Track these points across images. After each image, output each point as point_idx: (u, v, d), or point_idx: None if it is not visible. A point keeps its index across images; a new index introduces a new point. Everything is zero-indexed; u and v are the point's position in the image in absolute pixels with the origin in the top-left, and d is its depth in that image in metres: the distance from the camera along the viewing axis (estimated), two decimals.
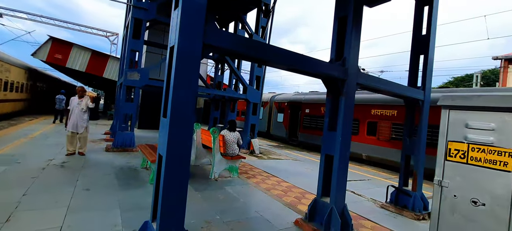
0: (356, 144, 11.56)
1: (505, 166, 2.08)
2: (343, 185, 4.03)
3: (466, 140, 2.31)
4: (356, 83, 4.13)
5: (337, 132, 3.97)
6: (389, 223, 4.62)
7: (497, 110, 2.15)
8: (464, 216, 2.25)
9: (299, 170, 8.39)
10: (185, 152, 2.60)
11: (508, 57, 20.00)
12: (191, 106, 2.59)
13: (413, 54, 5.82)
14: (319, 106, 13.97)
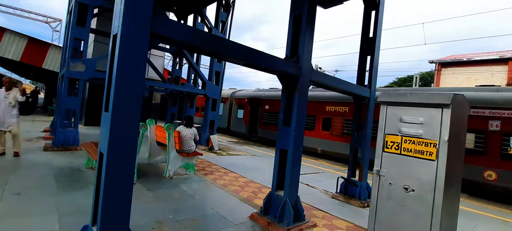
0: (312, 138, 12.12)
1: (430, 155, 2.34)
2: (296, 178, 4.17)
3: (400, 132, 2.55)
4: (309, 80, 4.29)
5: (291, 127, 4.09)
6: (338, 211, 4.94)
7: (425, 106, 2.41)
8: (397, 201, 2.48)
9: (257, 165, 8.50)
10: (130, 149, 2.42)
11: (441, 61, 22.77)
12: (136, 100, 2.42)
13: (361, 55, 6.26)
14: (278, 103, 14.33)
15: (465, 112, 2.71)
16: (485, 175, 7.63)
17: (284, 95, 4.29)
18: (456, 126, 2.42)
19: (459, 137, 2.54)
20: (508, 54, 18.98)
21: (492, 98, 7.94)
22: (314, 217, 4.53)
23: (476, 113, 8.04)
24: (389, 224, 2.53)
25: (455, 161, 2.50)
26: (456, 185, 2.62)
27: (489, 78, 18.97)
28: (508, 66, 18.59)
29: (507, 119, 7.54)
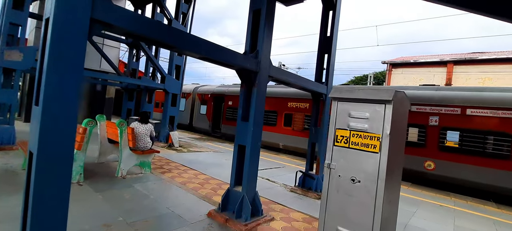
0: (274, 134, 12.34)
1: (374, 148, 2.49)
2: (254, 173, 4.18)
3: (349, 127, 2.67)
4: (268, 75, 4.31)
5: (249, 122, 4.07)
6: (296, 204, 5.08)
7: (370, 102, 2.55)
8: (345, 192, 2.61)
9: (219, 161, 8.39)
10: (65, 148, 2.17)
11: (392, 62, 24.73)
12: (72, 92, 2.17)
13: (319, 53, 6.49)
14: None
15: (406, 108, 2.94)
16: (425, 165, 8.50)
17: (242, 90, 4.25)
18: (397, 120, 2.60)
19: (400, 131, 2.75)
20: (446, 57, 21.32)
21: (432, 97, 8.84)
22: (272, 211, 4.60)
23: (419, 110, 8.89)
24: (338, 214, 2.64)
25: (396, 153, 2.70)
26: (397, 175, 2.85)
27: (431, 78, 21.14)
28: (446, 68, 20.90)
29: (444, 115, 8.45)
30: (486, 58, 18.76)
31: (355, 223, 2.54)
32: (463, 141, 8.08)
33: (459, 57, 20.12)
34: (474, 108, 7.99)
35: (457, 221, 5.26)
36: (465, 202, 7.06)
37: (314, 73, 6.51)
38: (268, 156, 10.81)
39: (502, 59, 18.10)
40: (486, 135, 7.80)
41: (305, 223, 4.23)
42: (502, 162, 7.42)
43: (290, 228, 3.98)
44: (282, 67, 23.31)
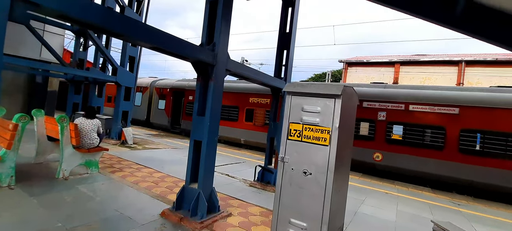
0: (236, 129, 12.29)
1: (324, 141, 2.57)
2: (211, 169, 4.07)
3: (301, 121, 2.71)
4: (225, 69, 4.21)
5: (206, 117, 3.94)
6: (254, 198, 5.10)
7: (321, 96, 2.62)
8: (298, 185, 2.66)
9: (177, 158, 8.07)
10: None
11: (348, 61, 26.30)
12: None
13: (279, 49, 6.57)
14: None
15: (354, 102, 3.09)
16: (374, 156, 9.22)
17: (199, 84, 4.09)
18: (346, 114, 2.72)
19: (348, 124, 2.88)
20: (394, 58, 23.34)
21: (380, 94, 9.58)
22: (230, 207, 4.54)
23: (369, 106, 9.58)
24: (291, 206, 2.69)
25: (345, 146, 2.83)
26: (346, 166, 2.99)
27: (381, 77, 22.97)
28: (394, 68, 22.88)
29: (391, 110, 9.22)
30: (426, 60, 20.95)
31: (306, 214, 2.60)
32: (406, 134, 8.92)
33: (405, 59, 22.15)
34: (415, 105, 8.86)
35: (400, 207, 5.79)
36: (406, 189, 7.81)
37: (274, 69, 6.58)
38: (229, 152, 10.73)
39: (439, 62, 20.39)
40: (425, 129, 8.72)
41: (262, 217, 4.26)
42: (438, 152, 8.37)
43: (247, 223, 3.97)
44: (244, 63, 23.29)
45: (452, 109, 8.29)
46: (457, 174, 8.04)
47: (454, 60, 19.73)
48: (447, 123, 8.32)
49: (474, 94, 8.33)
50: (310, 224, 2.57)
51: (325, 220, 2.50)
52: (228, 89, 12.91)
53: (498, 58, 18.24)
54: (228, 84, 13.18)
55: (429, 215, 5.47)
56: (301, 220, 2.62)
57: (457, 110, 8.22)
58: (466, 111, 8.11)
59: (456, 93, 8.57)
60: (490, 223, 5.44)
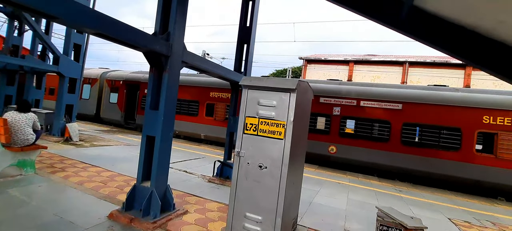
0: (196, 124, 11.97)
1: (279, 135, 2.60)
2: (165, 166, 3.88)
3: (257, 115, 2.70)
4: (181, 61, 4.02)
5: (159, 111, 3.72)
6: (212, 194, 5.02)
7: (277, 90, 2.64)
8: (254, 179, 2.66)
9: (130, 155, 7.56)
10: None
11: (307, 59, 27.30)
12: None
13: (239, 43, 6.50)
14: None
15: (309, 97, 3.19)
16: (329, 149, 9.75)
17: (151, 75, 3.84)
18: (300, 108, 2.78)
19: (303, 118, 2.96)
20: (349, 57, 24.88)
21: (335, 90, 10.13)
22: (187, 204, 4.40)
23: (326, 102, 10.07)
24: (246, 200, 2.68)
25: (299, 139, 2.90)
26: (300, 160, 3.08)
27: (337, 75, 24.33)
28: (349, 66, 24.41)
29: (344, 106, 9.81)
30: (376, 60, 22.74)
31: (262, 207, 2.62)
32: (357, 128, 9.59)
33: (358, 58, 23.75)
34: (365, 101, 9.55)
35: (350, 195, 6.21)
36: (357, 178, 8.42)
37: (234, 62, 6.50)
38: (189, 147, 10.41)
39: (387, 62, 22.29)
40: (373, 123, 9.47)
41: (220, 212, 4.20)
42: (384, 144, 9.16)
43: (204, 219, 3.88)
44: (206, 56, 22.72)
45: (396, 105, 9.12)
46: (400, 164, 8.91)
47: (399, 61, 21.74)
48: (392, 117, 9.13)
49: (414, 91, 9.27)
50: (265, 217, 2.60)
51: (279, 212, 2.54)
52: (187, 83, 12.47)
53: (435, 60, 20.58)
54: (187, 78, 12.73)
55: (375, 201, 5.97)
56: (256, 213, 2.63)
57: (400, 106, 9.07)
58: (408, 107, 9.00)
59: (399, 90, 9.45)
60: (424, 206, 6.13)
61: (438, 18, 4.12)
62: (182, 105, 12.46)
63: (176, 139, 12.49)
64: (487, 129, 8.13)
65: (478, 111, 8.24)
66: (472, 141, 8.24)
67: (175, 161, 7.43)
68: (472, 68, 18.94)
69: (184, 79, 12.60)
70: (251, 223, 2.65)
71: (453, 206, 6.50)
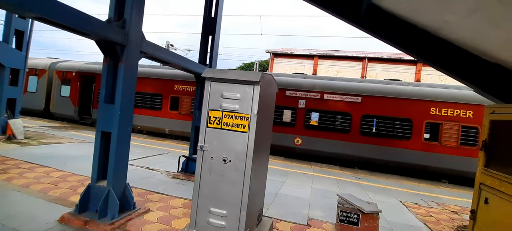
0: (159, 119, 11.47)
1: (243, 128, 2.57)
2: (123, 163, 3.65)
3: (221, 108, 2.64)
4: (140, 51, 3.77)
5: (115, 105, 3.46)
6: (177, 191, 4.86)
7: (241, 83, 2.60)
8: (217, 173, 2.61)
9: (85, 153, 6.99)
10: None
11: (274, 52, 27.59)
12: None
13: (203, 34, 6.31)
14: None
15: (274, 89, 3.20)
16: (295, 141, 10.03)
17: (105, 66, 3.55)
18: (265, 101, 2.78)
19: (267, 111, 2.97)
20: (314, 52, 25.68)
21: (301, 83, 10.39)
22: (149, 202, 4.20)
23: (292, 95, 10.29)
24: (211, 195, 2.63)
25: (264, 132, 2.91)
26: (265, 151, 3.10)
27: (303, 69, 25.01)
28: (314, 61, 25.21)
29: (309, 99, 10.12)
30: (339, 55, 23.81)
31: (226, 201, 2.58)
32: (321, 120, 9.98)
33: (322, 53, 24.63)
34: (328, 94, 9.95)
35: (314, 184, 6.47)
36: (320, 168, 8.80)
37: (198, 54, 6.30)
38: (152, 143, 9.95)
39: (349, 57, 23.46)
40: (336, 115, 9.92)
41: (185, 209, 4.09)
42: (345, 135, 9.67)
43: (168, 217, 3.74)
44: (169, 48, 21.76)
45: (356, 98, 9.65)
46: (359, 153, 9.50)
47: (359, 57, 23.02)
48: (352, 110, 9.66)
49: (372, 85, 9.89)
50: (229, 210, 2.57)
51: (244, 205, 2.53)
52: (150, 75, 11.85)
53: (391, 57, 22.16)
54: (149, 70, 12.09)
55: (337, 189, 6.29)
56: (220, 208, 2.59)
57: (360, 99, 9.62)
58: (366, 100, 9.58)
59: (359, 84, 10.00)
60: (379, 191, 6.62)
61: (394, 16, 4.41)
62: (144, 98, 11.82)
63: (138, 134, 11.86)
64: (434, 120, 9.00)
65: (426, 104, 9.06)
66: (421, 131, 9.07)
67: (136, 158, 7.06)
68: (422, 64, 20.79)
69: (146, 71, 11.95)
70: (216, 217, 2.61)
71: (404, 190, 7.12)
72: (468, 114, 8.73)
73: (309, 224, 4.10)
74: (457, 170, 8.69)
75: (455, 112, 8.83)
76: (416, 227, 4.53)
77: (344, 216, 3.69)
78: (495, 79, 3.83)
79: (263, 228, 3.11)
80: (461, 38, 3.76)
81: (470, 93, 8.75)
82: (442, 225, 4.70)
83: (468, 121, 8.71)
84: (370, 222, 3.59)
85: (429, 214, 5.25)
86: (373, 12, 4.55)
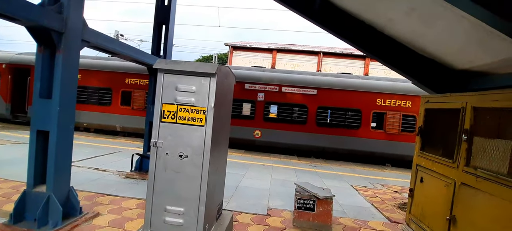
0: (109, 115, 10.60)
1: (200, 121, 2.49)
2: (66, 165, 3.29)
3: (175, 101, 2.52)
4: (81, 40, 3.39)
5: (53, 100, 3.08)
6: (130, 191, 4.57)
7: (196, 75, 2.50)
8: (173, 170, 2.50)
9: (20, 156, 6.14)
10: None
11: (233, 45, 27.35)
12: None
13: (157, 24, 5.94)
14: None
15: (231, 82, 3.16)
16: (254, 133, 10.15)
17: (40, 56, 3.13)
18: (222, 93, 2.73)
19: (225, 103, 2.92)
20: (272, 46, 26.11)
21: (260, 77, 10.50)
22: (99, 205, 3.87)
23: (251, 88, 10.34)
24: (166, 193, 2.51)
25: (222, 125, 2.86)
26: (223, 146, 3.06)
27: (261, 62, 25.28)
28: (272, 54, 25.65)
29: (268, 92, 10.28)
30: (296, 49, 24.59)
31: (183, 198, 2.49)
32: (280, 112, 10.25)
33: (280, 47, 25.17)
34: (286, 87, 10.23)
35: (273, 175, 6.64)
36: (280, 159, 9.07)
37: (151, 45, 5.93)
38: (101, 141, 9.17)
39: (305, 51, 24.38)
40: (293, 107, 10.27)
41: (139, 209, 3.87)
42: (302, 126, 10.09)
43: (120, 219, 3.50)
44: (119, 38, 20.11)
45: (312, 91, 10.10)
46: (315, 143, 10.01)
47: (315, 51, 24.08)
48: (308, 102, 10.09)
49: (326, 78, 10.44)
50: (187, 207, 2.49)
51: (202, 200, 2.47)
52: (97, 67, 10.83)
53: (343, 52, 23.61)
54: (96, 62, 11.04)
55: (295, 178, 6.55)
56: (178, 205, 2.49)
57: (315, 91, 10.09)
58: (321, 92, 10.08)
59: (314, 77, 10.48)
60: (333, 177, 7.08)
61: (345, 12, 4.67)
62: (90, 93, 10.77)
63: (85, 132, 10.82)
64: (379, 110, 9.88)
65: (373, 95, 9.89)
66: (369, 120, 9.89)
67: (84, 158, 6.45)
68: (370, 59, 22.58)
69: (92, 63, 10.89)
70: (173, 215, 2.50)
71: (355, 174, 7.73)
72: (407, 104, 9.76)
73: (268, 214, 4.20)
74: (399, 154, 9.72)
75: (397, 103, 9.80)
76: (365, 207, 4.95)
77: (301, 203, 3.86)
78: (430, 73, 4.32)
79: (223, 222, 3.09)
80: (402, 35, 4.15)
81: (409, 85, 9.78)
82: (386, 204, 5.21)
83: (408, 110, 9.75)
84: (325, 207, 3.81)
85: (375, 195, 5.78)
86: (326, 7, 4.78)
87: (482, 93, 2.96)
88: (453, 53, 3.65)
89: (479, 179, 2.78)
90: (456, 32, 3.09)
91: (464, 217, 2.96)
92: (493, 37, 2.71)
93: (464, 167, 3.02)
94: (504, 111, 2.74)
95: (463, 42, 3.22)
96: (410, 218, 3.99)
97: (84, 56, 11.48)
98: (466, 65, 3.64)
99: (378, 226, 4.14)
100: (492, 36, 2.71)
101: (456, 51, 3.56)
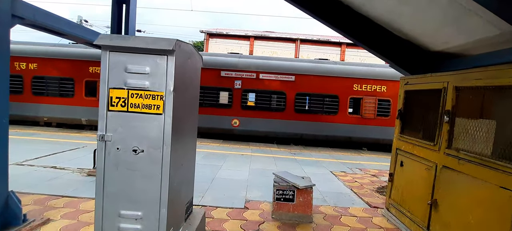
0: (72, 107, 9.71)
1: (158, 109, 2.10)
2: (1, 166, 2.75)
3: (126, 85, 2.10)
4: (12, 15, 2.80)
5: None
6: (91, 191, 4.06)
7: (150, 52, 2.09)
8: (127, 167, 2.11)
9: None
10: None
11: (209, 32, 26.37)
12: None
13: (115, 1, 5.30)
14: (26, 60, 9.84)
15: (196, 63, 2.76)
16: (232, 122, 9.79)
17: None
18: (184, 75, 2.34)
19: (189, 87, 2.54)
20: (249, 33, 25.49)
21: (236, 63, 10.06)
22: (51, 210, 3.38)
23: (227, 75, 9.89)
24: (120, 195, 2.12)
25: (186, 113, 2.48)
26: (190, 136, 2.69)
27: (239, 49, 24.66)
28: (249, 41, 25.07)
29: (245, 79, 9.89)
30: (274, 36, 24.21)
31: (141, 200, 2.12)
32: (258, 100, 9.94)
33: (258, 34, 24.66)
34: (264, 74, 9.90)
35: (252, 165, 6.37)
36: (258, 148, 8.82)
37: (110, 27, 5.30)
38: (65, 136, 8.36)
39: (283, 38, 24.08)
40: (271, 94, 10.00)
41: None
42: (281, 113, 9.87)
43: (75, 225, 3.05)
44: (83, 24, 18.53)
45: (290, 77, 9.86)
46: (294, 130, 9.86)
47: (293, 38, 23.86)
48: (286, 88, 9.86)
49: (304, 64, 10.23)
50: (146, 211, 2.12)
51: (163, 202, 2.11)
52: (56, 55, 9.79)
53: (320, 38, 23.60)
54: (55, 50, 9.98)
55: (274, 167, 6.33)
56: (134, 209, 2.12)
57: (293, 77, 9.86)
58: (299, 79, 9.88)
59: (292, 63, 10.23)
60: (312, 164, 6.96)
61: None
62: (49, 84, 9.76)
63: (45, 127, 9.86)
64: (356, 95, 9.88)
65: (350, 81, 9.84)
66: (346, 105, 9.88)
67: (40, 156, 5.77)
68: (346, 45, 22.77)
69: (51, 51, 9.83)
70: (129, 221, 2.12)
71: (333, 160, 7.67)
72: (382, 89, 9.84)
73: (246, 207, 3.93)
74: (374, 138, 9.84)
75: (373, 88, 9.84)
76: (344, 193, 4.84)
77: (280, 194, 3.62)
78: (406, 54, 4.18)
79: (193, 221, 2.76)
80: (379, 15, 3.94)
81: (384, 70, 9.83)
82: (365, 189, 5.14)
83: (383, 95, 9.84)
84: (305, 197, 3.60)
85: (354, 180, 5.71)
86: None
87: (465, 72, 2.82)
88: (429, 34, 3.50)
89: (462, 161, 2.66)
90: (432, 10, 2.90)
91: (446, 201, 2.85)
92: (471, 15, 2.55)
93: (446, 149, 2.89)
94: (487, 90, 2.61)
95: (439, 22, 3.06)
96: (390, 203, 3.90)
97: (42, 44, 10.35)
98: (441, 47, 3.51)
99: (358, 212, 4.02)
100: (469, 14, 2.55)
101: (432, 33, 3.41)
